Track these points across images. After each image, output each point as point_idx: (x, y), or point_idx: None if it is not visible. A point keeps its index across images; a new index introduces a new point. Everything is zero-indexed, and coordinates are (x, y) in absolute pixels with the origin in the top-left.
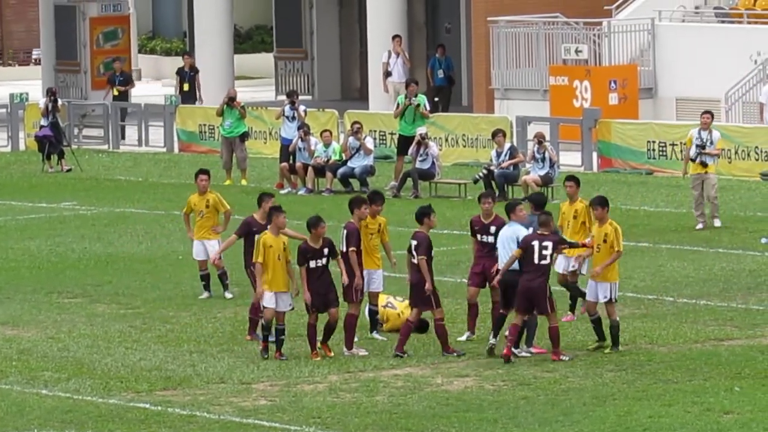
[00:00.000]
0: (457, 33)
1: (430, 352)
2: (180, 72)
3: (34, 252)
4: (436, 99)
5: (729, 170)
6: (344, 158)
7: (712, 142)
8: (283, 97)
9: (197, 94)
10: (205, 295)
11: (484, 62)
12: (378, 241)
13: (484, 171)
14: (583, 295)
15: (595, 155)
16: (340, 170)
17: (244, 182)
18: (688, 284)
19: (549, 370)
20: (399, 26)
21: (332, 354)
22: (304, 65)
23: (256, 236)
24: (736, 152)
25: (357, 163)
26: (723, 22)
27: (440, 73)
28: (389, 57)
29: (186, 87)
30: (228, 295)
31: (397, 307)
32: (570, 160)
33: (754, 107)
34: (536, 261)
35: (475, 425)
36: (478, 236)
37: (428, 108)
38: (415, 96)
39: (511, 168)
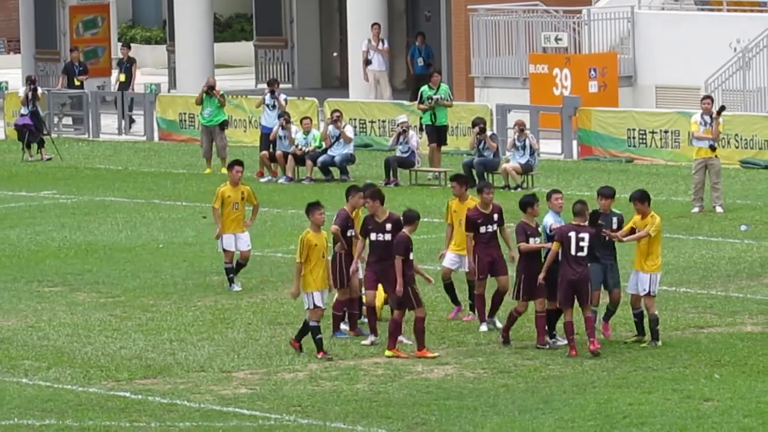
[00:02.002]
0: (436, 21)
1: (410, 340)
2: (119, 63)
3: (14, 241)
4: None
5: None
6: (324, 146)
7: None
8: (264, 86)
9: (132, 84)
10: (236, 288)
11: (464, 50)
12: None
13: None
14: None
15: (575, 143)
16: (320, 159)
17: (224, 171)
18: (668, 272)
19: (529, 358)
20: (379, 14)
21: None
22: (284, 54)
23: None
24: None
25: (337, 152)
26: (702, 9)
27: (420, 62)
28: (369, 46)
29: (122, 78)
30: (236, 288)
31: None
32: (550, 148)
33: (734, 95)
34: (573, 252)
35: (455, 413)
36: (482, 228)
37: (451, 97)
38: (439, 86)
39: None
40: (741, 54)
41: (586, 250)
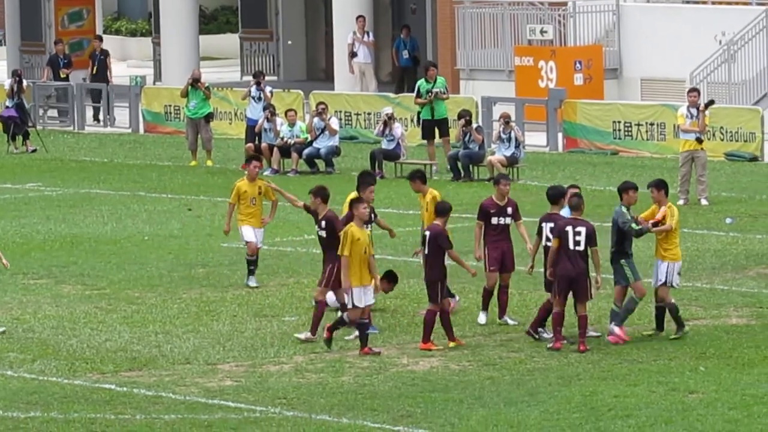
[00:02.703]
0: (422, 13)
1: (396, 332)
2: (91, 55)
3: None
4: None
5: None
6: (309, 139)
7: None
8: (249, 78)
9: (108, 76)
10: (252, 282)
11: (450, 43)
12: None
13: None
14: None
15: (560, 136)
16: (306, 151)
17: (209, 163)
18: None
19: (515, 351)
20: (364, 7)
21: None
22: (269, 46)
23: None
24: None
25: (322, 144)
26: (688, 2)
27: (405, 54)
28: (354, 38)
29: (95, 70)
30: (252, 283)
31: None
32: (535, 140)
33: (719, 88)
34: (571, 247)
35: (440, 405)
36: (494, 219)
37: (447, 90)
38: (435, 80)
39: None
40: (726, 47)
41: (582, 244)
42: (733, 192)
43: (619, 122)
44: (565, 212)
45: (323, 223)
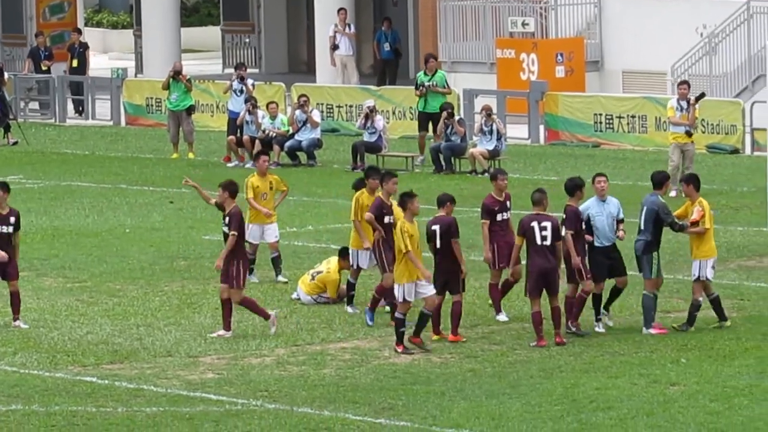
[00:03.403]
0: (403, 6)
1: (377, 325)
2: (70, 48)
3: None
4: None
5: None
6: (291, 131)
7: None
8: (231, 71)
9: (87, 69)
10: (254, 279)
11: (431, 35)
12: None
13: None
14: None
15: (542, 128)
16: (288, 143)
17: (191, 155)
18: (635, 257)
19: (496, 343)
20: None
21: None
22: (251, 38)
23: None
24: None
25: (304, 137)
26: None
27: (387, 47)
28: (335, 30)
29: (75, 63)
30: (282, 279)
31: (322, 269)
32: (517, 132)
33: (701, 80)
34: (539, 242)
35: (422, 398)
36: (498, 216)
37: (447, 85)
38: (434, 73)
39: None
40: (707, 39)
41: (549, 239)
42: (714, 184)
43: (601, 115)
44: (591, 201)
45: (227, 219)
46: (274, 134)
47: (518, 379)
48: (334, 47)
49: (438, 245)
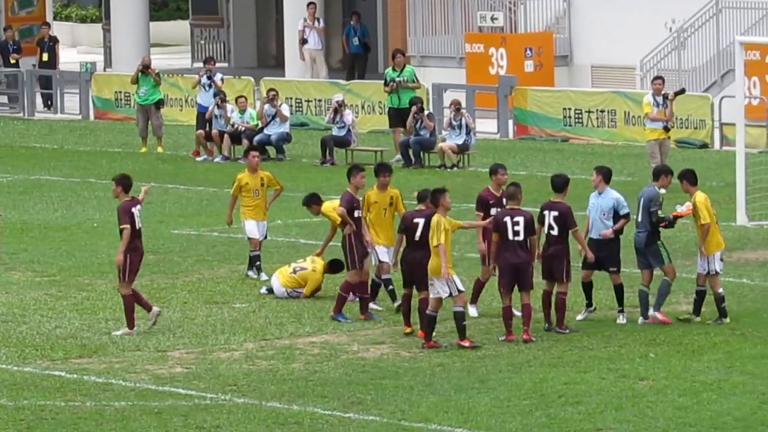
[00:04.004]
0: (372, 0)
1: (352, 319)
2: (39, 42)
3: None
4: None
5: (645, 137)
6: (260, 125)
7: (666, 106)
8: (200, 65)
9: (57, 63)
10: (263, 277)
11: (400, 29)
12: (391, 215)
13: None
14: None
15: (511, 122)
16: (257, 137)
17: (160, 150)
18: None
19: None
20: None
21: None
22: (220, 32)
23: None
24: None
25: (273, 131)
26: None
27: (356, 41)
28: (305, 25)
29: (45, 57)
30: (252, 275)
31: (306, 266)
32: (486, 127)
33: (669, 75)
34: (510, 237)
35: (391, 392)
36: (493, 210)
37: (417, 79)
38: (402, 68)
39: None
40: (676, 34)
41: (522, 234)
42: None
43: (570, 109)
44: (593, 194)
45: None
46: (243, 128)
47: (487, 374)
48: (303, 41)
49: (417, 238)
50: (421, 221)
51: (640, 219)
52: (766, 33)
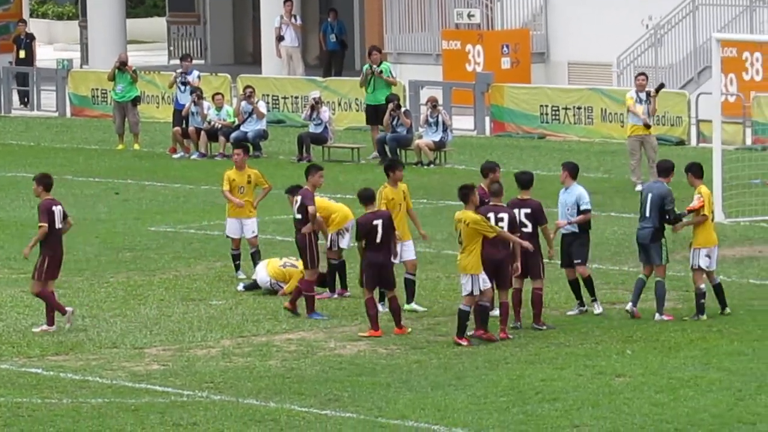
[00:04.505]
0: None
1: (328, 316)
2: (16, 39)
3: None
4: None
5: (622, 134)
6: (237, 122)
7: (650, 102)
8: (177, 62)
9: (34, 60)
10: (241, 275)
11: (377, 26)
12: (405, 211)
13: None
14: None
15: (487, 119)
16: (233, 134)
17: (136, 147)
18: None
19: (442, 334)
20: None
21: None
22: (196, 29)
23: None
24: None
25: (250, 128)
26: None
27: (333, 38)
28: (281, 21)
29: (22, 54)
30: (240, 275)
31: (297, 265)
32: (463, 124)
33: (646, 72)
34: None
35: (368, 389)
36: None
37: (393, 75)
38: (379, 64)
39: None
40: (653, 31)
41: (506, 230)
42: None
43: (547, 106)
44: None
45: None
46: (220, 125)
47: (464, 371)
48: (280, 38)
49: (379, 240)
50: (379, 222)
51: (647, 214)
52: (742, 30)
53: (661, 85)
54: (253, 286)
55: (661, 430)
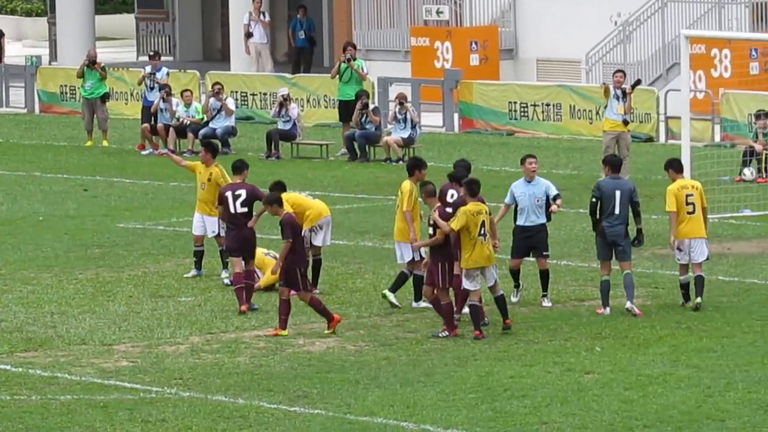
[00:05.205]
0: None
1: (292, 312)
2: None
3: None
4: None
5: (590, 131)
6: (206, 119)
7: (625, 100)
8: (145, 58)
9: (2, 57)
10: (193, 273)
11: (346, 23)
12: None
13: None
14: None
15: (456, 116)
16: (202, 131)
17: (105, 143)
18: (549, 244)
19: (411, 331)
20: None
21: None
22: (165, 26)
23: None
24: (597, 113)
25: (218, 124)
26: None
27: (301, 35)
28: (250, 18)
29: None
30: (224, 275)
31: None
32: (431, 120)
33: (615, 68)
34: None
35: (337, 386)
36: None
37: (365, 71)
38: (354, 59)
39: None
40: (621, 27)
41: (432, 229)
42: (628, 173)
43: (515, 103)
44: (519, 182)
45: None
46: (189, 122)
47: (432, 367)
48: (249, 35)
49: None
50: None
51: (617, 211)
52: (711, 26)
53: (638, 82)
54: None
55: (629, 426)
